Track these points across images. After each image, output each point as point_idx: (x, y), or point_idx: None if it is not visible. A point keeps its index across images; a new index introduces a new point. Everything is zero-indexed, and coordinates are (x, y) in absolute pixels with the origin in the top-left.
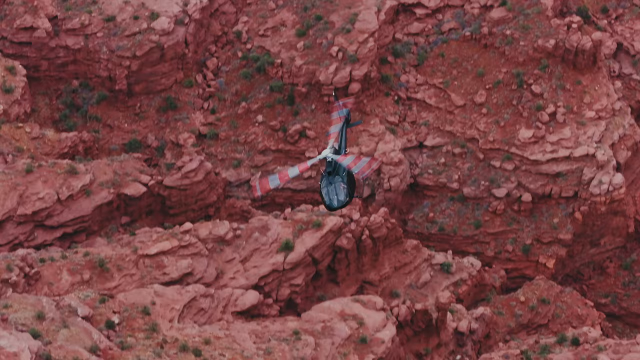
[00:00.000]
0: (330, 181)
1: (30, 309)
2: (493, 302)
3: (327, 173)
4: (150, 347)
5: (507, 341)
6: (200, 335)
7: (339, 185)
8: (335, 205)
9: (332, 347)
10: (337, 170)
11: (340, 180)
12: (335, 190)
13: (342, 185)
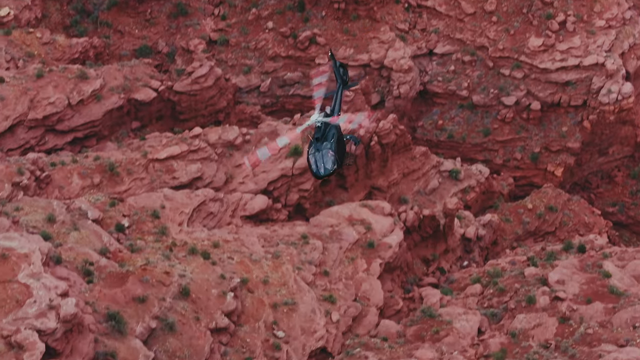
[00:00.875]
0: (318, 148)
1: (40, 211)
2: (501, 209)
3: (315, 139)
4: (160, 250)
5: (514, 248)
6: (209, 239)
7: (326, 153)
8: (322, 173)
9: (340, 251)
10: (326, 136)
11: (329, 147)
12: (322, 157)
13: (330, 153)
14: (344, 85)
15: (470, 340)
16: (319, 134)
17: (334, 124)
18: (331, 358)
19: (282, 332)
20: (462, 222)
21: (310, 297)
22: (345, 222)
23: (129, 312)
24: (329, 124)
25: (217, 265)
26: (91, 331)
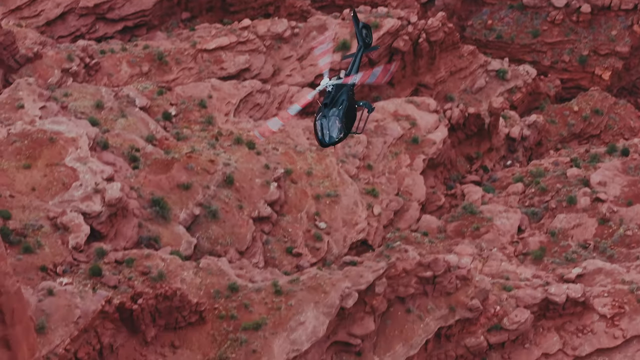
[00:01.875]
0: (325, 114)
1: (89, 98)
2: (546, 111)
3: (323, 105)
4: (206, 139)
5: (558, 149)
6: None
7: (334, 120)
8: (327, 141)
9: (384, 146)
10: (336, 101)
11: (337, 114)
12: (329, 124)
13: (337, 120)
14: (364, 48)
15: (510, 237)
16: (329, 99)
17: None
18: (371, 250)
19: (324, 223)
20: (507, 122)
21: (353, 190)
22: (390, 118)
23: (173, 198)
24: (341, 88)
25: (262, 156)
26: (135, 216)
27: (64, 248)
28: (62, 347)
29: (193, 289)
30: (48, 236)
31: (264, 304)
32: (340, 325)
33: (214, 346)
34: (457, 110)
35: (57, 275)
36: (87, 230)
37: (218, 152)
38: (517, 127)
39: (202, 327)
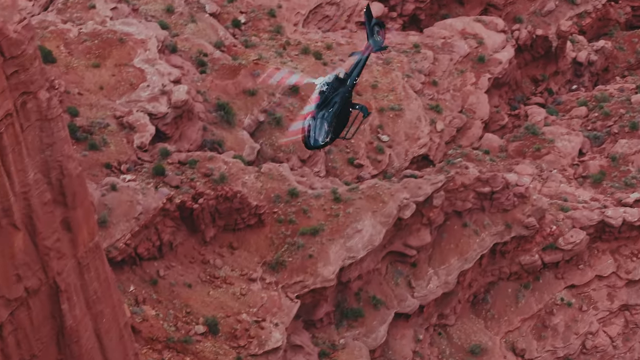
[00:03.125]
0: (316, 115)
1: (160, 2)
2: (615, 37)
3: (317, 106)
4: (273, 48)
5: (624, 76)
6: (323, 41)
7: (321, 124)
8: (311, 144)
9: (450, 63)
10: (330, 103)
11: (326, 117)
12: (316, 127)
13: (325, 124)
14: (374, 47)
15: (571, 160)
16: (322, 99)
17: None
18: (432, 166)
19: (386, 136)
20: (574, 46)
21: (417, 105)
22: (458, 35)
23: (239, 104)
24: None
25: (328, 66)
26: (200, 119)
27: (128, 147)
28: (122, 242)
29: (253, 193)
30: (114, 134)
31: (322, 210)
32: (396, 236)
33: (271, 249)
34: (525, 32)
35: (121, 172)
36: (152, 131)
37: (285, 61)
38: (585, 51)
39: (260, 230)
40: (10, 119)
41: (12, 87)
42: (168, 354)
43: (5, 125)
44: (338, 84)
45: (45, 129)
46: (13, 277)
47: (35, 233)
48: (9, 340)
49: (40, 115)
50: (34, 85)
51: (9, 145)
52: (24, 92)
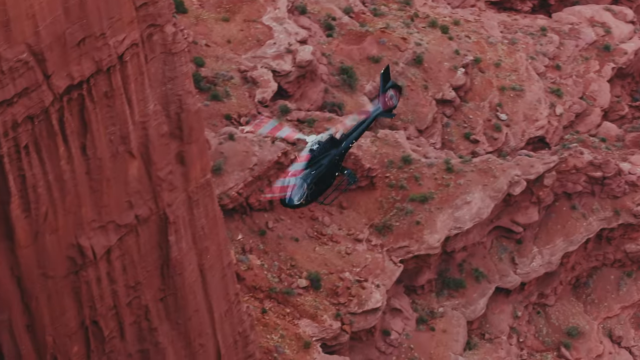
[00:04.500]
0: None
1: None
2: None
3: (305, 165)
4: (401, 19)
5: None
6: (451, 16)
7: (300, 184)
8: (286, 203)
9: (575, 49)
10: (317, 164)
11: (306, 179)
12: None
13: (304, 185)
14: (383, 112)
15: None
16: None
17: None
18: (547, 148)
19: (505, 115)
20: None
21: (538, 87)
22: (585, 22)
23: (362, 69)
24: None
25: (454, 41)
26: (323, 81)
27: (250, 101)
28: (235, 190)
29: (368, 156)
30: (236, 88)
31: (433, 179)
32: (504, 212)
33: (379, 212)
34: None
35: (240, 125)
36: (274, 87)
37: (411, 32)
38: None
39: (371, 193)
40: (135, 49)
41: (140, 18)
42: (269, 304)
43: (131, 55)
44: (331, 144)
45: (169, 62)
46: (125, 204)
47: (150, 163)
48: (116, 265)
49: (165, 49)
50: (162, 18)
51: (132, 75)
52: (151, 24)
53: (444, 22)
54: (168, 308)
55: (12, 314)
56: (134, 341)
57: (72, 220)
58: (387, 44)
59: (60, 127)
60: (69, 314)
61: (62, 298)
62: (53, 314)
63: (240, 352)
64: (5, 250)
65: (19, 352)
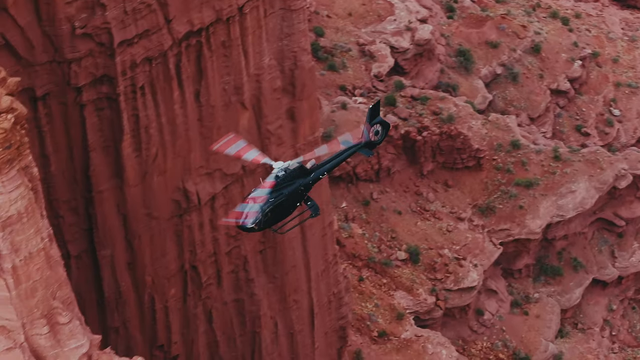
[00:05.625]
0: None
1: None
2: None
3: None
4: (523, 7)
5: None
6: (573, 9)
7: (256, 209)
8: (240, 225)
9: None
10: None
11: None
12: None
13: (258, 210)
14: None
15: None
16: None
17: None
18: None
19: (618, 110)
20: None
21: None
22: None
23: (479, 53)
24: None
25: (573, 33)
26: (439, 61)
27: (365, 74)
28: None
29: (477, 138)
30: (354, 60)
31: (540, 165)
32: (608, 204)
33: (484, 193)
34: None
35: (354, 96)
36: (391, 63)
37: (532, 21)
38: None
39: (477, 174)
40: (255, 2)
41: None
42: (367, 272)
43: (251, 8)
44: (299, 173)
45: (287, 18)
46: None
47: (261, 116)
48: (219, 213)
49: (284, 5)
50: None
51: (250, 27)
52: None
53: (566, 13)
54: (266, 261)
55: (115, 251)
56: (230, 290)
57: (181, 164)
58: (506, 30)
59: (176, 71)
60: (169, 256)
61: (164, 240)
62: (154, 255)
63: (333, 312)
64: (113, 187)
65: (119, 289)
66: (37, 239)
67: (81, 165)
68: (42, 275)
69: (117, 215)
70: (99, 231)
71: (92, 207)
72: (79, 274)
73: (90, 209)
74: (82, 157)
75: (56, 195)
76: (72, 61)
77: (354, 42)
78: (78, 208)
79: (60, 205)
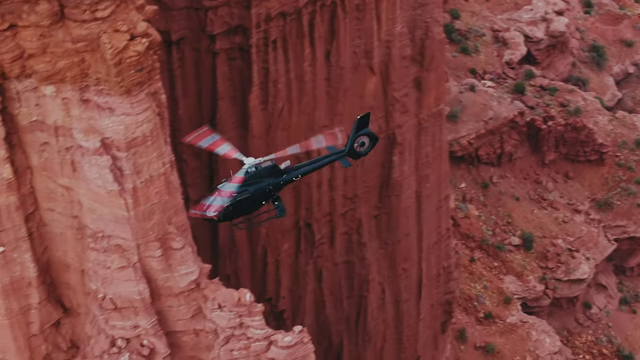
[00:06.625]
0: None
1: None
2: None
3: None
4: None
5: None
6: None
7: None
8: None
9: None
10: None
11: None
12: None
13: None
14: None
15: None
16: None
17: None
18: None
19: None
20: None
21: None
22: None
23: (613, 51)
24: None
25: None
26: (572, 55)
27: (497, 60)
28: (466, 139)
29: (602, 133)
30: (487, 45)
31: None
32: None
33: (603, 188)
34: None
35: (483, 79)
36: (523, 51)
37: None
38: None
39: (598, 168)
40: None
41: None
42: (479, 254)
43: None
44: (270, 172)
45: None
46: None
47: (388, 82)
48: (338, 174)
49: None
50: None
51: None
52: None
53: None
54: (380, 226)
55: None
56: (342, 251)
57: (305, 122)
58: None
59: (309, 29)
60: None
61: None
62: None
63: (441, 285)
64: (237, 137)
65: (234, 238)
66: (159, 163)
67: (208, 112)
68: (160, 199)
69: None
70: (220, 178)
71: (215, 154)
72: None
73: (213, 155)
74: (210, 104)
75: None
76: (208, 9)
77: (489, 27)
78: (201, 154)
79: (184, 149)
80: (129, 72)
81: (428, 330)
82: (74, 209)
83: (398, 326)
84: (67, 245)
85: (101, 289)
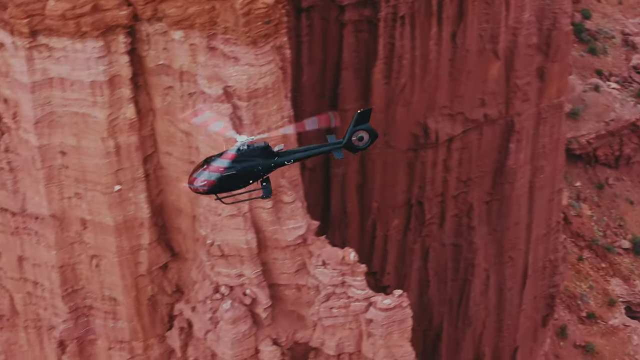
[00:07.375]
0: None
1: None
2: None
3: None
4: None
5: None
6: None
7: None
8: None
9: None
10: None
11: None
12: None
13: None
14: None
15: None
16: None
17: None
18: None
19: None
20: None
21: None
22: None
23: None
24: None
25: None
26: None
27: (624, 63)
28: (586, 139)
29: None
30: (615, 48)
31: None
32: None
33: None
34: None
35: (609, 82)
36: None
37: None
38: None
39: None
40: None
41: None
42: (587, 254)
43: None
44: (261, 152)
45: None
46: (477, 100)
47: (511, 69)
48: (454, 155)
49: None
50: None
51: None
52: None
53: None
54: (490, 212)
55: (348, 171)
56: (451, 233)
57: (425, 100)
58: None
59: (438, 9)
60: (398, 188)
61: (396, 170)
62: (384, 182)
63: (546, 278)
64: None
65: (345, 209)
66: (277, 116)
67: (331, 81)
68: None
69: None
70: None
71: None
72: (309, 187)
73: None
74: (334, 74)
75: (303, 106)
76: None
77: (619, 30)
78: None
79: (305, 116)
80: (256, 23)
81: (529, 322)
82: (191, 155)
83: (499, 314)
84: (182, 190)
85: (210, 235)
